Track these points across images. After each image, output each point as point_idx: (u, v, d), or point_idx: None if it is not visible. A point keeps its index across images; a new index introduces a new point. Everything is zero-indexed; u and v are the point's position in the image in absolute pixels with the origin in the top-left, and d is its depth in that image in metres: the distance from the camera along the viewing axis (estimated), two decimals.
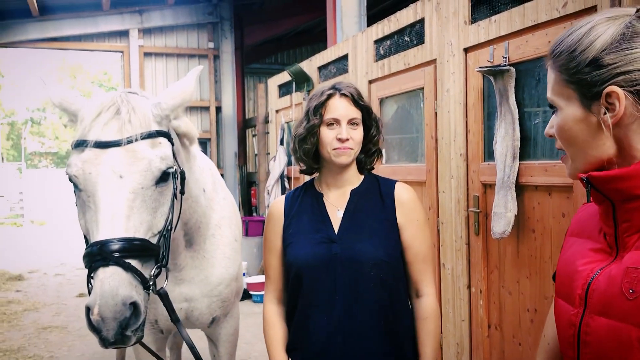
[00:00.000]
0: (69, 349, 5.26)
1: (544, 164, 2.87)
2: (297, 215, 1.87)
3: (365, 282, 1.73)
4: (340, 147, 1.78)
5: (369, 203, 1.84)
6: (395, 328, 1.76)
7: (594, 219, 1.16)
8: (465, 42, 3.43)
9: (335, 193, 1.87)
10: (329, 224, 1.81)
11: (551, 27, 2.79)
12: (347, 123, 1.79)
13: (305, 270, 1.77)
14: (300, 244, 1.80)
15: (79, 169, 1.68)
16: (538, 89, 2.96)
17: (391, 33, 4.35)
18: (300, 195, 1.92)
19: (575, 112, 1.06)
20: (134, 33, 10.50)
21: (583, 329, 1.04)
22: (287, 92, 6.82)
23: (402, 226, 1.81)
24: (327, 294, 1.74)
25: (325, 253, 1.76)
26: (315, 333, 1.74)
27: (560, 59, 1.07)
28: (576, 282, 1.08)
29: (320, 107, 1.82)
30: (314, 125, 1.81)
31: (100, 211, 1.63)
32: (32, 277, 9.01)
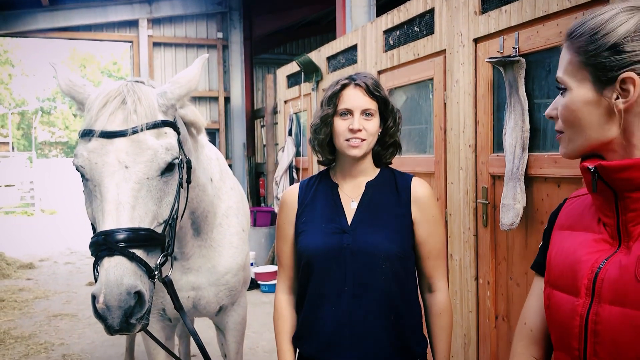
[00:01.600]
0: (79, 337, 5.33)
1: (553, 156, 2.86)
2: (310, 204, 1.85)
3: (375, 275, 1.71)
4: (352, 138, 1.74)
5: (384, 196, 1.81)
6: (403, 322, 1.74)
7: (588, 211, 1.17)
8: (475, 32, 3.41)
9: (350, 184, 1.84)
10: (343, 214, 1.79)
11: (562, 18, 2.76)
12: (361, 114, 1.76)
13: (315, 260, 1.75)
14: (312, 233, 1.78)
15: (85, 159, 1.70)
16: (548, 80, 2.94)
17: (401, 23, 4.32)
18: (315, 184, 1.89)
19: (586, 94, 1.07)
20: (143, 23, 10.52)
21: (591, 318, 1.04)
22: (296, 83, 6.81)
23: (417, 222, 1.79)
24: (336, 284, 1.72)
25: (336, 243, 1.74)
26: (323, 323, 1.73)
27: (579, 40, 1.08)
28: (580, 273, 1.08)
29: (334, 96, 1.79)
30: (328, 115, 1.79)
31: (106, 201, 1.65)
32: (42, 266, 9.12)
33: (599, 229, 1.12)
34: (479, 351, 3.50)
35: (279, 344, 1.86)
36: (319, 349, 1.74)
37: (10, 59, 33.90)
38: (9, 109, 33.15)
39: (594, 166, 1.06)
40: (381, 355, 1.70)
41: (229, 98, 10.99)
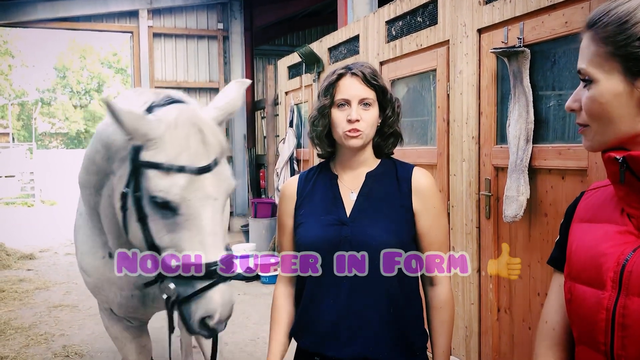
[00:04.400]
0: (79, 327, 5.32)
1: (557, 147, 2.83)
2: (309, 196, 1.81)
3: (375, 269, 1.67)
4: (350, 130, 1.70)
5: (385, 187, 1.76)
6: (403, 315, 1.71)
7: (609, 203, 1.14)
8: (479, 22, 3.38)
9: (349, 175, 1.80)
10: (341, 206, 1.75)
11: (568, 8, 2.73)
12: (359, 104, 1.71)
13: (313, 252, 1.72)
14: (310, 225, 1.75)
15: (177, 195, 1.71)
16: (553, 71, 2.91)
17: (403, 13, 4.28)
18: (315, 176, 1.86)
19: (616, 85, 1.03)
20: (143, 13, 10.46)
21: (619, 311, 1.02)
22: (297, 74, 6.77)
23: (418, 213, 1.74)
24: (334, 277, 1.69)
25: (334, 235, 1.70)
26: (322, 316, 1.71)
27: (605, 30, 1.04)
28: (606, 265, 1.05)
29: (330, 87, 1.75)
30: (324, 107, 1.75)
31: (205, 234, 1.75)
32: (43, 256, 9.11)
33: (622, 221, 1.09)
34: (481, 344, 3.49)
35: (272, 333, 1.84)
36: (317, 342, 1.72)
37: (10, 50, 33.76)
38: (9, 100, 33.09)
39: (622, 157, 1.03)
40: (380, 349, 1.67)
41: None
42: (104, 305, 2.50)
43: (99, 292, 2.45)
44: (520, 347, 3.18)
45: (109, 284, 2.36)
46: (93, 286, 2.43)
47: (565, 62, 2.84)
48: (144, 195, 1.75)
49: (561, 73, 2.87)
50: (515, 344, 3.23)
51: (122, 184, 1.84)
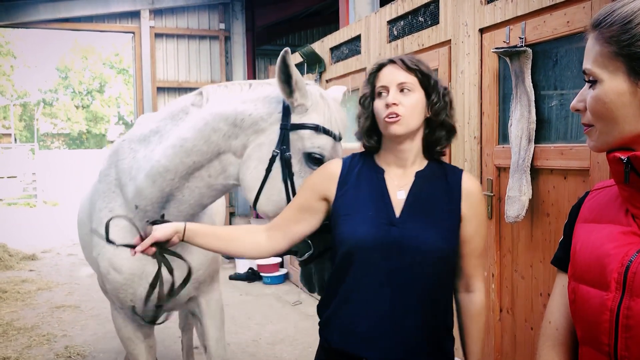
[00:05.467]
0: (82, 328, 5.33)
1: (560, 147, 2.82)
2: (354, 187, 1.71)
3: (422, 274, 1.60)
4: (389, 114, 1.62)
5: (435, 190, 1.68)
6: (441, 322, 1.67)
7: (614, 204, 1.14)
8: (480, 22, 3.37)
9: (396, 172, 1.72)
10: (390, 204, 1.66)
11: (570, 7, 2.72)
12: (398, 89, 1.65)
13: (358, 251, 1.63)
14: (356, 221, 1.65)
15: (329, 152, 1.99)
16: (555, 71, 2.90)
17: (405, 13, 4.28)
18: (359, 165, 1.76)
19: (621, 85, 1.03)
20: (145, 14, 10.47)
21: (623, 312, 1.01)
22: None
23: (465, 219, 1.67)
24: (378, 280, 1.61)
25: (383, 236, 1.61)
26: (360, 318, 1.63)
27: (610, 30, 1.04)
28: (610, 267, 1.05)
29: (370, 77, 1.73)
30: (365, 96, 1.73)
31: None
32: (45, 257, 9.13)
33: (627, 221, 1.08)
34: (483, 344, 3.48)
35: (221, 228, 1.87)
36: (353, 343, 1.64)
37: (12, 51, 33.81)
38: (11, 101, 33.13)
39: (627, 157, 1.03)
40: (419, 353, 1.63)
41: None
42: (126, 304, 2.49)
43: (124, 290, 2.43)
44: (523, 347, 3.18)
45: (140, 278, 2.39)
46: (121, 284, 2.41)
47: (567, 61, 2.83)
48: (295, 153, 1.98)
49: (563, 73, 2.86)
50: (518, 344, 3.22)
51: (265, 149, 2.02)
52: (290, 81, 1.94)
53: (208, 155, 2.13)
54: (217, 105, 2.14)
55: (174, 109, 2.30)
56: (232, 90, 2.17)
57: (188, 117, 2.20)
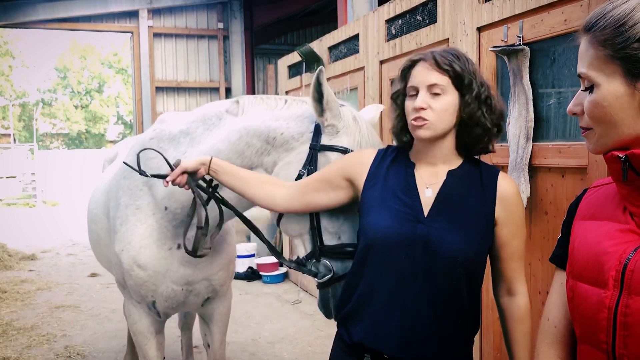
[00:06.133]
0: (81, 328, 5.33)
1: (557, 145, 2.83)
2: (383, 178, 1.66)
3: (447, 277, 1.54)
4: (415, 118, 1.56)
5: (467, 191, 1.61)
6: (467, 327, 1.63)
7: (611, 201, 1.13)
8: (478, 21, 3.37)
9: (426, 169, 1.65)
10: (417, 200, 1.60)
11: (567, 6, 2.72)
12: (428, 91, 1.57)
13: (381, 245, 1.58)
14: (382, 213, 1.60)
15: None
16: (553, 69, 2.91)
17: (403, 12, 4.28)
18: (391, 158, 1.71)
19: (618, 88, 1.03)
20: (143, 13, 10.47)
21: (621, 310, 1.01)
22: (297, 73, 6.77)
23: (500, 222, 1.60)
24: (402, 278, 1.56)
25: (409, 232, 1.55)
26: (384, 316, 1.59)
27: (604, 33, 1.03)
28: (607, 264, 1.05)
29: (403, 74, 1.66)
30: (397, 94, 1.67)
31: None
32: (44, 257, 9.12)
33: (625, 219, 1.08)
34: (482, 342, 3.49)
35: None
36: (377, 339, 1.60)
37: (10, 51, 33.80)
38: (9, 101, 33.12)
39: (625, 155, 1.02)
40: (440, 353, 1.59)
41: (230, 89, 10.95)
42: (146, 299, 2.52)
43: (146, 287, 2.46)
44: None
45: (163, 276, 2.43)
46: (144, 280, 2.44)
47: (564, 60, 2.84)
48: None
49: (561, 71, 2.87)
50: None
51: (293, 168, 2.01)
52: (322, 100, 1.92)
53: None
54: (251, 120, 2.15)
55: (207, 112, 2.31)
56: (269, 104, 2.18)
57: (222, 124, 2.21)
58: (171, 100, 10.97)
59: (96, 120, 37.96)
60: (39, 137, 36.19)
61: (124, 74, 37.22)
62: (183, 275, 2.46)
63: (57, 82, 38.29)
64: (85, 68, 37.92)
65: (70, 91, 38.16)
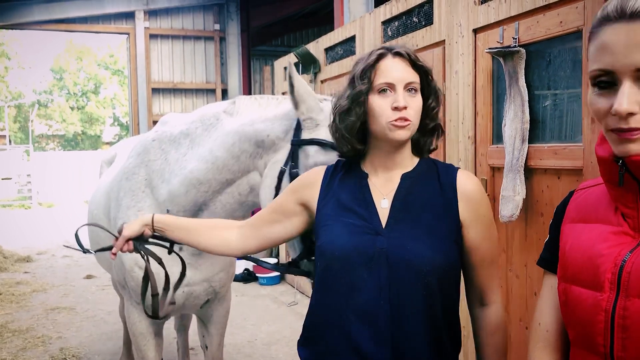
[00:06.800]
0: (77, 330, 5.31)
1: (553, 147, 2.83)
2: (335, 194, 1.54)
3: (415, 289, 1.40)
4: (398, 119, 1.42)
5: (425, 192, 1.49)
6: (445, 341, 1.47)
7: (601, 203, 1.11)
8: (474, 22, 3.38)
9: (381, 177, 1.53)
10: (374, 212, 1.47)
11: (563, 7, 2.73)
12: (404, 88, 1.45)
13: (340, 264, 1.44)
14: (336, 230, 1.47)
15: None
16: (548, 71, 2.92)
17: (399, 14, 4.29)
18: (342, 172, 1.58)
19: None
20: (139, 15, 10.46)
21: (619, 313, 0.99)
22: None
23: (466, 224, 1.47)
24: (370, 298, 1.41)
25: (368, 246, 1.42)
26: (357, 343, 1.42)
27: None
28: (603, 267, 1.03)
29: (368, 70, 1.48)
30: (361, 93, 1.48)
31: None
32: (40, 259, 9.10)
33: (617, 221, 1.06)
34: None
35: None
36: None
37: (6, 52, 33.73)
38: (5, 102, 33.01)
39: (622, 160, 0.98)
40: None
41: (227, 90, 10.94)
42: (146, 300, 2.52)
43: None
44: (517, 346, 3.19)
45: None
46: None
47: (560, 61, 2.84)
48: (302, 170, 1.88)
49: (556, 73, 2.87)
50: (512, 344, 3.23)
51: (278, 167, 1.98)
52: (294, 92, 1.90)
53: (239, 173, 2.16)
54: (241, 122, 2.15)
55: (206, 112, 2.32)
56: (261, 104, 2.17)
57: (219, 125, 2.21)
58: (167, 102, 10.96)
59: (92, 121, 37.86)
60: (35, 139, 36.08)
61: (120, 75, 37.14)
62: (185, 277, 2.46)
63: (53, 83, 38.19)
64: (82, 69, 37.83)
65: (66, 92, 38.05)
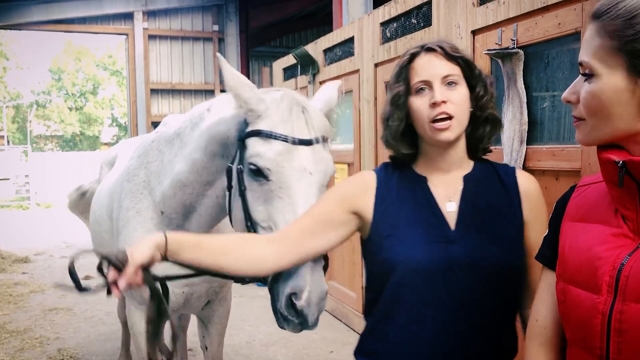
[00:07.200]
0: (75, 331, 5.30)
1: (551, 148, 2.84)
2: (396, 201, 1.46)
3: (490, 295, 1.38)
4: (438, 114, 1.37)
5: (490, 194, 1.45)
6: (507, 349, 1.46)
7: (602, 202, 1.10)
8: (473, 24, 3.39)
9: (440, 179, 1.47)
10: (441, 217, 1.42)
11: (561, 9, 2.74)
12: (442, 83, 1.39)
13: (414, 276, 1.38)
14: (407, 241, 1.40)
15: (272, 161, 1.73)
16: (547, 72, 2.92)
17: (398, 15, 4.29)
18: (395, 176, 1.51)
19: (618, 82, 0.98)
20: (138, 15, 10.46)
21: (615, 316, 0.98)
22: (292, 76, 6.77)
23: (528, 224, 1.44)
24: (441, 307, 1.38)
25: (442, 256, 1.37)
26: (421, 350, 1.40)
27: (613, 23, 0.98)
28: (601, 269, 1.01)
29: (403, 71, 1.44)
30: (399, 95, 1.44)
31: (297, 204, 1.70)
32: (38, 260, 9.08)
33: (617, 222, 1.04)
34: None
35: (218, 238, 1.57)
36: None
37: (4, 52, 33.71)
38: (3, 103, 32.99)
39: (622, 161, 0.98)
40: None
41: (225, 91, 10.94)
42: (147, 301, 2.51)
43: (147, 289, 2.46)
44: None
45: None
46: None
47: (558, 63, 2.85)
48: (245, 166, 1.80)
49: (554, 74, 2.88)
50: None
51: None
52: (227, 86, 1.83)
53: (217, 174, 2.13)
54: (210, 124, 2.11)
55: (194, 112, 2.30)
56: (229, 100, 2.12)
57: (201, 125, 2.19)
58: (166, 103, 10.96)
59: (90, 122, 37.86)
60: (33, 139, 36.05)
61: (118, 76, 37.15)
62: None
63: (52, 84, 38.19)
64: (80, 70, 37.83)
65: (64, 93, 38.05)
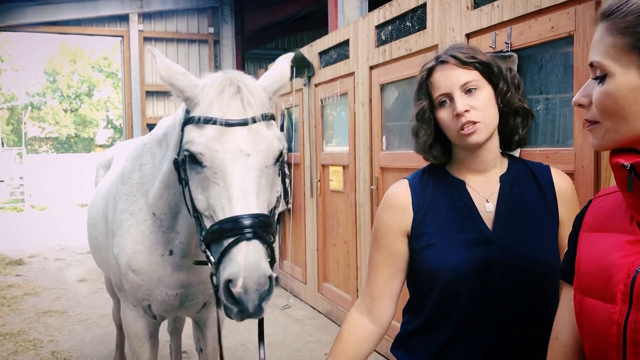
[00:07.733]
0: (69, 333, 5.29)
1: (545, 151, 2.85)
2: (432, 209, 1.47)
3: (530, 296, 1.39)
4: (464, 125, 1.39)
5: (526, 194, 1.46)
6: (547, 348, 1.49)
7: (618, 211, 1.07)
8: (467, 27, 3.40)
9: (478, 180, 1.48)
10: (479, 219, 1.43)
11: (555, 13, 2.75)
12: (462, 91, 1.41)
13: (459, 282, 1.39)
14: (445, 247, 1.41)
15: (204, 146, 1.70)
16: (540, 76, 2.94)
17: (393, 18, 4.30)
18: (431, 182, 1.52)
19: (634, 80, 0.95)
20: (133, 17, 10.44)
21: (630, 326, 0.93)
22: None
23: (563, 223, 1.44)
24: (484, 312, 1.39)
25: (481, 257, 1.38)
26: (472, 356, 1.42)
27: (625, 20, 0.95)
28: (615, 278, 0.97)
29: (424, 86, 1.48)
30: (423, 110, 1.47)
31: (232, 187, 1.67)
32: (32, 262, 9.04)
33: (632, 230, 1.01)
34: None
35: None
36: None
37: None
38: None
39: (630, 163, 0.95)
40: None
41: None
42: (142, 303, 2.51)
43: (141, 290, 2.45)
44: None
45: (157, 282, 2.41)
46: (139, 285, 2.44)
47: (552, 66, 2.86)
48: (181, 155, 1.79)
49: (548, 77, 2.89)
50: None
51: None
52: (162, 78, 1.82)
53: None
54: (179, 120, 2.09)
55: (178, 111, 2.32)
56: None
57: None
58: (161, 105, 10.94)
59: (86, 124, 37.74)
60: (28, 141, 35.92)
61: (114, 78, 37.06)
62: (177, 280, 2.44)
63: (47, 85, 38.05)
64: (75, 72, 37.73)
65: (59, 95, 37.92)
